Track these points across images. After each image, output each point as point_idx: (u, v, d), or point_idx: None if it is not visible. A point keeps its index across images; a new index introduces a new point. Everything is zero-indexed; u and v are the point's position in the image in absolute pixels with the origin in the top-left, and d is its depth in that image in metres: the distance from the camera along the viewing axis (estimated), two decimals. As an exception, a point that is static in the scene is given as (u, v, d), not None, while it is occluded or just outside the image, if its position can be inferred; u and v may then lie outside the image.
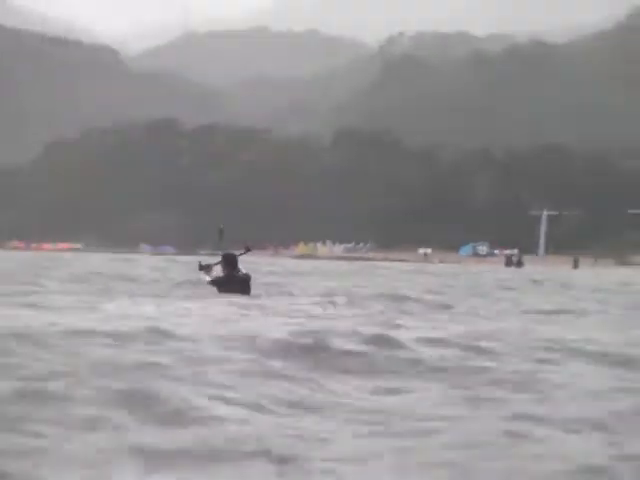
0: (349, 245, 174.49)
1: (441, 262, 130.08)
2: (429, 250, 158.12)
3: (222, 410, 7.03)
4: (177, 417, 6.77)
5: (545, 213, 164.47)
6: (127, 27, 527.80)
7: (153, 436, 6.19)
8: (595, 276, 67.51)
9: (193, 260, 25.12)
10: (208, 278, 22.46)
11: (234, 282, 21.92)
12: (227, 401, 7.40)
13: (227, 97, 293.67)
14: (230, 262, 22.15)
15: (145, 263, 58.85)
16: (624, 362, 10.50)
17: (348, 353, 10.48)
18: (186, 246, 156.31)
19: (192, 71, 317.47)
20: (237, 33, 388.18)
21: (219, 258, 22.82)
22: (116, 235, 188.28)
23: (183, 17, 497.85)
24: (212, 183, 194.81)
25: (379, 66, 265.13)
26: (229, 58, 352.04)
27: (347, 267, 70.07)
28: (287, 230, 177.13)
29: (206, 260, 24.75)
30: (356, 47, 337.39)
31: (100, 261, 62.43)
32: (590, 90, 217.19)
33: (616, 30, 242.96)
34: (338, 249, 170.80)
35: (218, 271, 22.64)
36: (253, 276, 22.83)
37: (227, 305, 18.27)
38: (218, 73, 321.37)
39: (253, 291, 22.26)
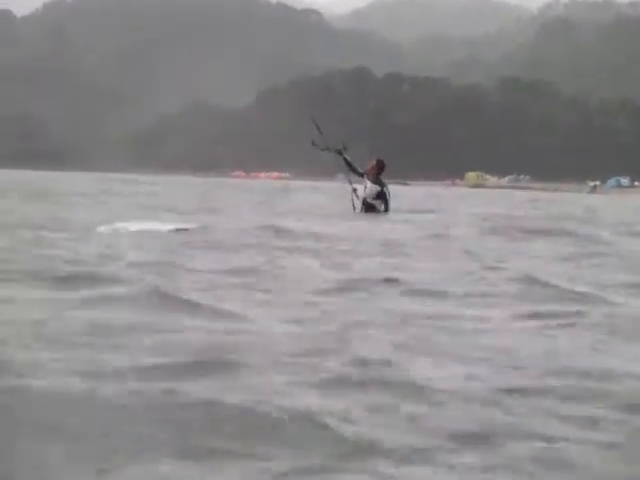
0: (511, 176, 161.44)
1: (592, 193, 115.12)
2: (598, 182, 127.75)
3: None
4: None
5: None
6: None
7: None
8: None
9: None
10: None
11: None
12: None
13: (410, 51, 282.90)
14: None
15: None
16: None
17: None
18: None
19: (381, 29, 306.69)
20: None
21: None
22: (317, 165, 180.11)
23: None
24: (397, 123, 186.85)
25: (537, 26, 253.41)
26: (412, 19, 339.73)
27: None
28: (461, 163, 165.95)
29: None
30: (519, 10, 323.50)
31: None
32: None
33: None
34: (503, 180, 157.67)
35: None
36: None
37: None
38: (403, 31, 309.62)
39: None
